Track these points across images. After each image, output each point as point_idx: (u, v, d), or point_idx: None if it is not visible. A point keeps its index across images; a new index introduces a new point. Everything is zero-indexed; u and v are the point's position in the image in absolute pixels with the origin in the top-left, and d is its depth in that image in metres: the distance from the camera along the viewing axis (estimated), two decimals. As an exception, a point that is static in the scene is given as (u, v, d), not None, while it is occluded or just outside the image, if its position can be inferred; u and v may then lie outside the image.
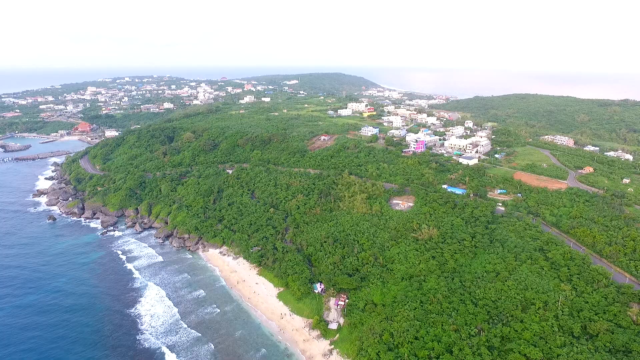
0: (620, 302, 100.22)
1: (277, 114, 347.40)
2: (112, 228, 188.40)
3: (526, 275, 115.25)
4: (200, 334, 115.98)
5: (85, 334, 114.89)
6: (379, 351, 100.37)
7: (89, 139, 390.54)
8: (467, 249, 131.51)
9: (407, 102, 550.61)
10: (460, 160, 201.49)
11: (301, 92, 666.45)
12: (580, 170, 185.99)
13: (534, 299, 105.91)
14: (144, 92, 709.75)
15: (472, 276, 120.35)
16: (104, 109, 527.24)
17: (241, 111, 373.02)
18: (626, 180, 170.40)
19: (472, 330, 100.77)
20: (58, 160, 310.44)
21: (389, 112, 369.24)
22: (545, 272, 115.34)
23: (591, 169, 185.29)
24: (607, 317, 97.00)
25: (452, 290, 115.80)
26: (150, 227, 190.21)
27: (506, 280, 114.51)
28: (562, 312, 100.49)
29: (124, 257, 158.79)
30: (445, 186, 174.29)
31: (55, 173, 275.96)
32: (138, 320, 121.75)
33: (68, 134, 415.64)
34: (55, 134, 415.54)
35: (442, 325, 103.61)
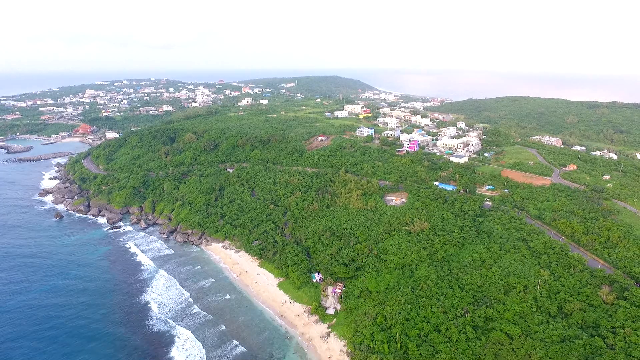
0: (593, 285, 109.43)
1: (275, 115, 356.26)
2: (118, 224, 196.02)
3: (509, 262, 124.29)
4: (212, 316, 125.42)
5: (107, 315, 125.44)
6: (372, 332, 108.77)
7: (90, 140, 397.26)
8: (455, 240, 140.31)
9: (403, 104, 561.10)
10: (451, 158, 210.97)
11: (298, 94, 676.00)
12: (564, 168, 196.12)
13: (515, 283, 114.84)
14: (142, 94, 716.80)
15: (460, 264, 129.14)
16: (103, 111, 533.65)
17: (240, 113, 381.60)
18: (606, 177, 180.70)
19: (458, 311, 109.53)
20: (61, 160, 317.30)
21: (384, 113, 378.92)
22: (527, 260, 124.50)
23: (575, 167, 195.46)
24: (580, 298, 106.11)
25: (441, 277, 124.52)
26: (155, 224, 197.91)
27: (491, 267, 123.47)
28: (541, 294, 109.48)
29: (132, 250, 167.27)
30: (436, 183, 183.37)
31: (58, 173, 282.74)
32: (153, 303, 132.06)
33: (69, 135, 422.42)
34: (56, 135, 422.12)
35: (431, 308, 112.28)
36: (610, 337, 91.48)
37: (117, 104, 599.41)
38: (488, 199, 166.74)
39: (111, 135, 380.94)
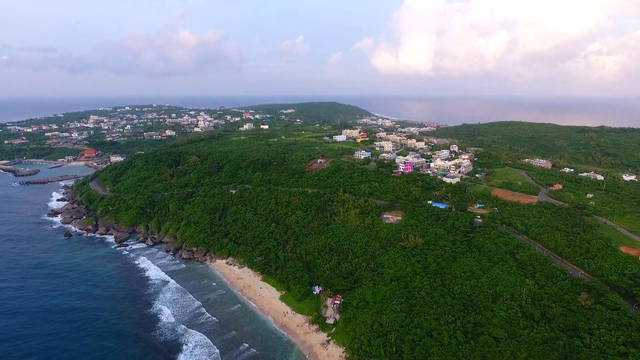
0: (573, 292, 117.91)
1: (275, 140, 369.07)
2: (125, 242, 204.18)
3: (497, 273, 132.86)
4: (222, 323, 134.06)
5: (127, 320, 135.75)
6: (370, 338, 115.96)
7: (95, 164, 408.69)
8: (447, 254, 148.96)
9: (400, 129, 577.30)
10: (444, 179, 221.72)
11: (298, 120, 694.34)
12: (550, 187, 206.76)
13: (502, 292, 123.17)
14: (145, 120, 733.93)
15: (451, 276, 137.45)
16: (107, 136, 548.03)
17: (242, 137, 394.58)
18: (589, 195, 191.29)
19: (449, 318, 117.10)
20: (67, 183, 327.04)
21: (380, 137, 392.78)
22: (514, 271, 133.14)
23: (560, 186, 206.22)
24: (562, 304, 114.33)
25: (433, 288, 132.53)
26: (161, 242, 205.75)
27: (480, 278, 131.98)
28: (526, 301, 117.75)
29: (141, 265, 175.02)
30: (430, 202, 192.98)
31: (66, 195, 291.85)
32: (166, 310, 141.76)
33: (74, 159, 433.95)
34: (62, 159, 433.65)
35: (425, 315, 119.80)
36: (587, 338, 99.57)
37: (121, 129, 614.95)
38: (478, 216, 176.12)
39: (116, 159, 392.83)
